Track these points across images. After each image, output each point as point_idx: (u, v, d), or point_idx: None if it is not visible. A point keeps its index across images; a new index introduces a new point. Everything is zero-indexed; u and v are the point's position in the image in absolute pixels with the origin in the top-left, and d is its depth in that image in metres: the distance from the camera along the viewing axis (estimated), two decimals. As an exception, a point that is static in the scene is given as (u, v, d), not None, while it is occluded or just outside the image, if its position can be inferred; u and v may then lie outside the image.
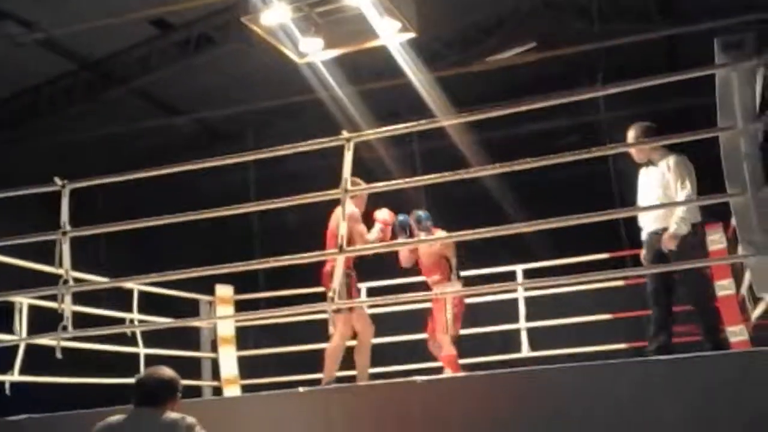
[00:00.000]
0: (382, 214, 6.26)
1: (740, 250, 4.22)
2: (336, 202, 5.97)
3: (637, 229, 5.72)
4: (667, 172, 5.44)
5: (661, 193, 5.48)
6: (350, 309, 6.05)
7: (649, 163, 5.60)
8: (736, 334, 6.82)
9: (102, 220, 5.08)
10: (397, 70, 10.15)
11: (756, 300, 6.47)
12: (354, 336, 6.19)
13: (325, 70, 10.18)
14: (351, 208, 6.13)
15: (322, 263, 5.96)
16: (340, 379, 6.24)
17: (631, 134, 5.62)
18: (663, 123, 5.50)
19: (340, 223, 4.93)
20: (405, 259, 6.68)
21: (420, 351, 6.88)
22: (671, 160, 5.45)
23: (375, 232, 6.19)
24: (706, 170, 4.99)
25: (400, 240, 6.47)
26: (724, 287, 6.97)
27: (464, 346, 6.67)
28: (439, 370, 6.38)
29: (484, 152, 11.08)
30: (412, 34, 8.46)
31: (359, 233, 6.04)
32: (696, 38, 8.34)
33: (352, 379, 6.12)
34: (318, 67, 10.13)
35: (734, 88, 3.92)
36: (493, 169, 4.97)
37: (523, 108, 5.10)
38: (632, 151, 5.67)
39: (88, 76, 10.75)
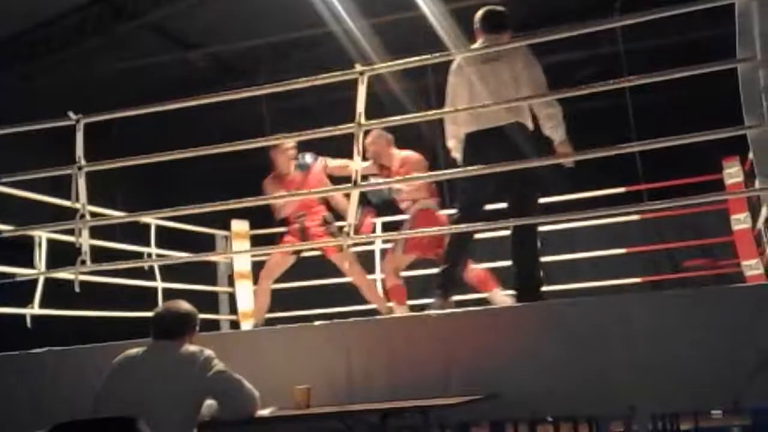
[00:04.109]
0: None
1: (757, 183, 4.19)
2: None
3: (654, 163, 5.66)
4: None
5: None
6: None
7: None
8: (752, 267, 6.82)
9: (116, 156, 5.09)
10: (411, 2, 9.99)
11: (772, 233, 6.46)
12: None
13: (338, 2, 10.04)
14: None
15: None
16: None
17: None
18: (681, 54, 5.39)
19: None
20: None
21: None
22: None
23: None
24: (724, 102, 4.92)
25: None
26: (739, 221, 6.94)
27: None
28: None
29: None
30: (426, -35, 8.27)
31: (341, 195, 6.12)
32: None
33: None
34: (331, 0, 9.99)
35: (754, 19, 3.84)
36: (508, 102, 4.93)
37: (539, 40, 5.03)
38: None
39: (99, 10, 10.62)
